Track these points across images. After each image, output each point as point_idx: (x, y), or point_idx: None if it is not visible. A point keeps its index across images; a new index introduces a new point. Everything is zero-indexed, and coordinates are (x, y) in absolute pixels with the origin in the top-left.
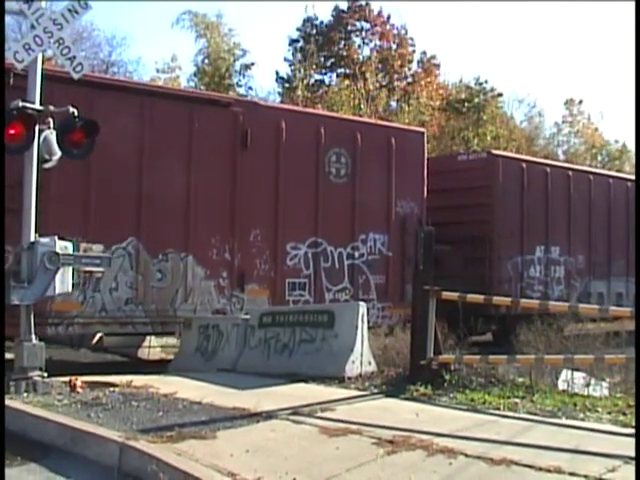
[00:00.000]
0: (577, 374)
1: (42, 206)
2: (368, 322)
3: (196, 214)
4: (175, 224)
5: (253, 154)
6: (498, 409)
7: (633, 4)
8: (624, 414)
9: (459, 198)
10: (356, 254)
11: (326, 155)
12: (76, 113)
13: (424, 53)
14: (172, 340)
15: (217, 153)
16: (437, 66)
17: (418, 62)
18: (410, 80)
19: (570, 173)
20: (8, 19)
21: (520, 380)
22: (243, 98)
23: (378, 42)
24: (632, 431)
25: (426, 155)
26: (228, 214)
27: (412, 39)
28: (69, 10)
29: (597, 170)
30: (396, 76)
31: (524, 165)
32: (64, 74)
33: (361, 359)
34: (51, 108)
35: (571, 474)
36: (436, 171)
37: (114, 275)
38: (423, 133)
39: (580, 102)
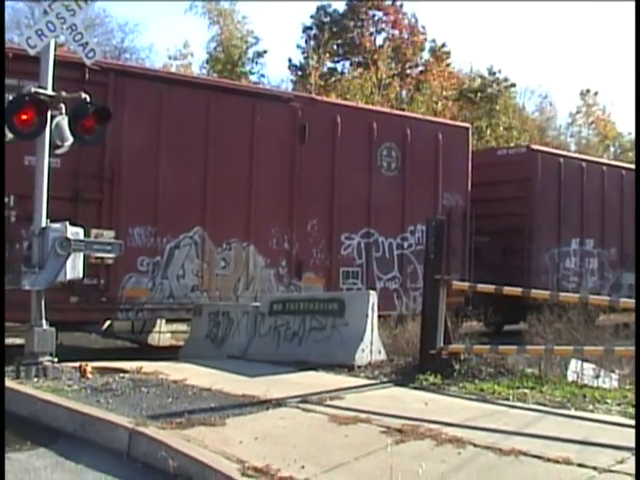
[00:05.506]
0: (587, 365)
1: (114, 198)
2: (415, 310)
3: (257, 205)
4: (238, 214)
5: (310, 147)
6: (507, 399)
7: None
8: (633, 406)
9: (499, 191)
10: (405, 244)
11: (378, 149)
12: (88, 99)
13: (433, 41)
14: (182, 326)
15: (277, 146)
16: (448, 54)
17: (430, 50)
18: (422, 68)
19: (604, 168)
20: (21, 5)
21: (529, 371)
22: (302, 94)
23: (391, 30)
24: None
25: (470, 149)
26: (287, 205)
27: (423, 27)
28: None
29: (628, 165)
30: (408, 64)
31: (561, 160)
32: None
33: (371, 347)
34: (63, 94)
35: (580, 465)
36: (476, 164)
37: (181, 263)
38: (468, 129)
39: (596, 93)
